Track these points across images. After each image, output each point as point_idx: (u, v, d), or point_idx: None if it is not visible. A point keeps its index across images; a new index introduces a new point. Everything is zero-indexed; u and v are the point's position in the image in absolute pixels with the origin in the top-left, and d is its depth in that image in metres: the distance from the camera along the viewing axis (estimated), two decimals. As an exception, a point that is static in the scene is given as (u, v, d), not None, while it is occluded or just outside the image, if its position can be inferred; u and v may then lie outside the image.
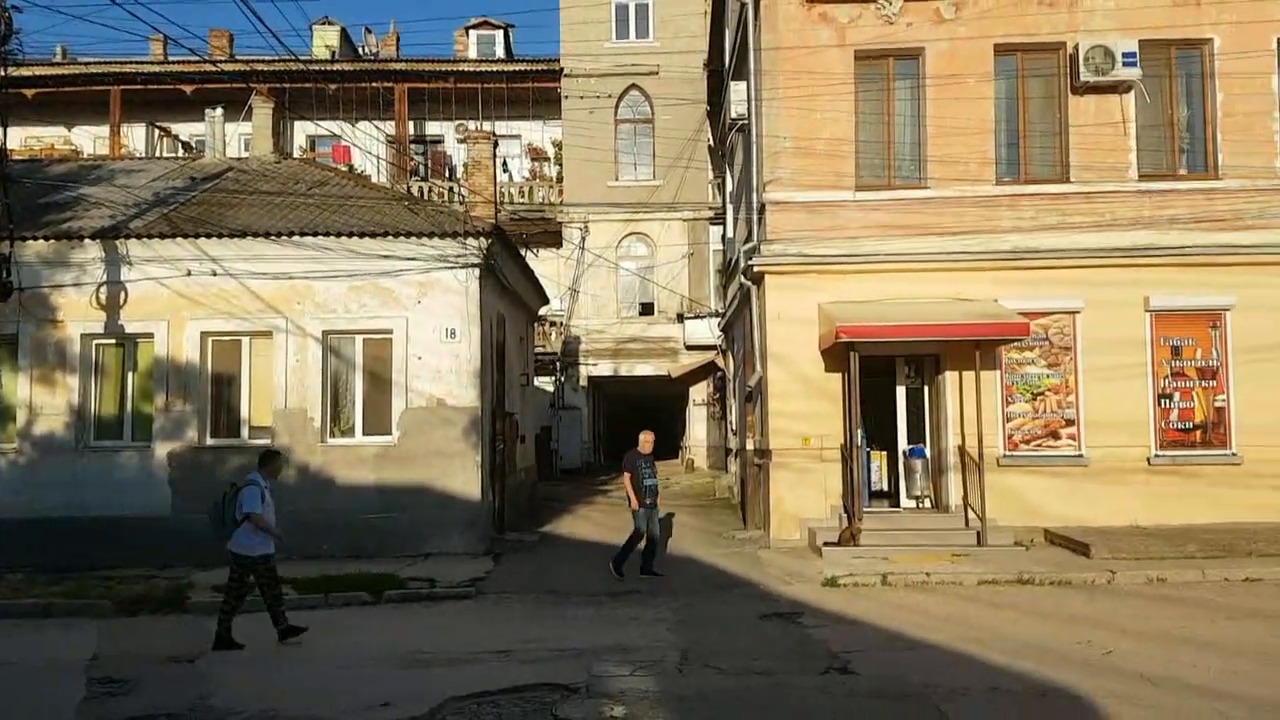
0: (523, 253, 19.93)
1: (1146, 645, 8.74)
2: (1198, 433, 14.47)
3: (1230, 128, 14.41)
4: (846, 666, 8.15)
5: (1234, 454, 14.21)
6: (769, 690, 7.51)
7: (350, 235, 14.40)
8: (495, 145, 19.16)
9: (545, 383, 28.44)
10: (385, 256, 14.41)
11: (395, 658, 8.84)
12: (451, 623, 10.41)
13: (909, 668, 8.10)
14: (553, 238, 28.74)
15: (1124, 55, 13.96)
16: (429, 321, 14.49)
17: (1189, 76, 14.73)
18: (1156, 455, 14.29)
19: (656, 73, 27.92)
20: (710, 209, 27.61)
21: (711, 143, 26.86)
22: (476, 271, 14.56)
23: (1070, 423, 14.55)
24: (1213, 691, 7.22)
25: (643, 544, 12.81)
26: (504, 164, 30.01)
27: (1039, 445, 14.61)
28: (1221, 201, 14.33)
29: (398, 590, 11.79)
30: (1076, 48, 14.29)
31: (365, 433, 14.67)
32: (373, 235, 14.41)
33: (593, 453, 30.13)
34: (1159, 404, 14.46)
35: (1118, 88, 14.38)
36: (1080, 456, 14.39)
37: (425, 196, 24.91)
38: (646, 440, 13.19)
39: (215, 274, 14.53)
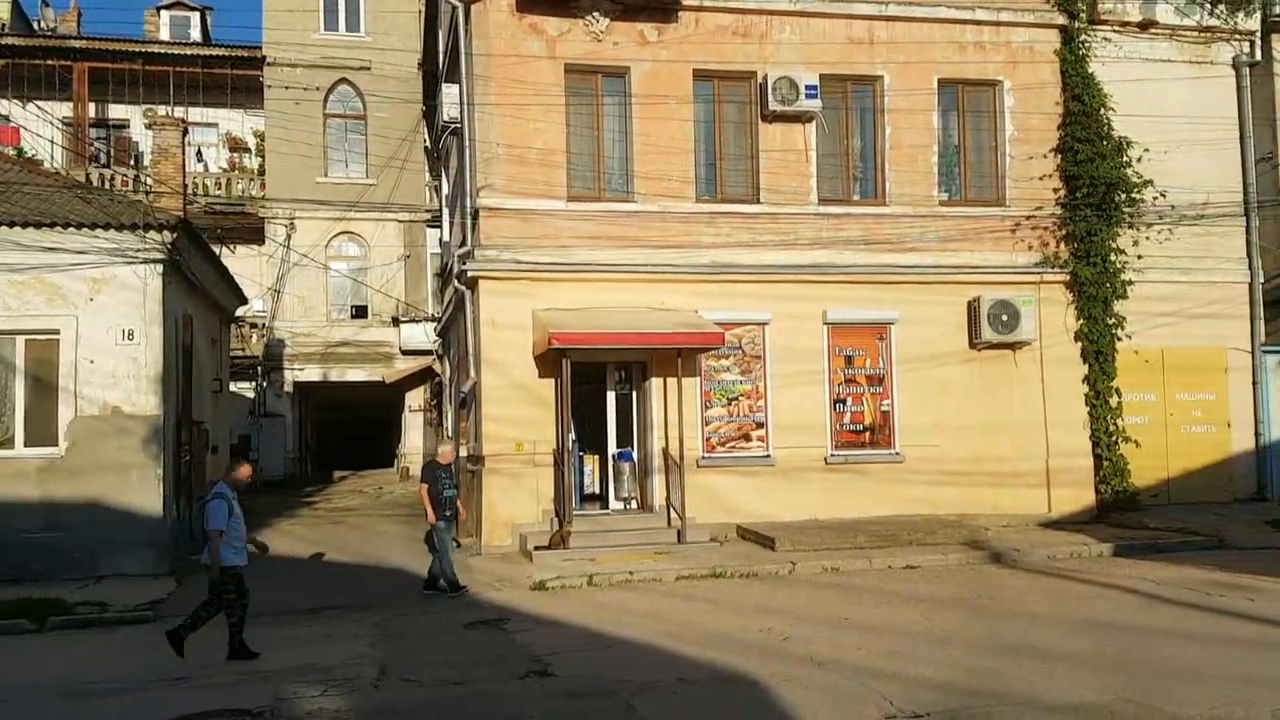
0: (218, 249, 18.70)
1: (819, 630, 9.52)
2: (867, 434, 15.93)
3: (896, 159, 15.99)
4: (546, 669, 8.28)
5: (897, 453, 15.78)
6: (466, 699, 7.49)
7: (10, 225, 12.88)
8: (186, 132, 17.85)
9: (246, 389, 26.78)
10: (52, 249, 13.00)
11: (57, 689, 8.04)
12: (125, 650, 9.58)
13: (606, 665, 8.36)
14: (254, 234, 27.12)
15: (806, 88, 15.14)
16: (103, 321, 13.23)
17: (863, 110, 16.19)
18: (832, 455, 15.59)
19: (369, 68, 27.08)
20: (428, 211, 27.12)
21: (428, 144, 26.44)
22: (159, 267, 13.47)
23: (760, 425, 15.57)
24: (872, 671, 7.96)
25: (451, 553, 12.17)
26: (198, 153, 28.04)
27: (733, 447, 15.51)
28: (888, 226, 15.90)
29: (64, 616, 10.73)
30: (766, 78, 15.32)
31: (27, 444, 13.22)
32: (36, 225, 12.98)
33: (298, 463, 28.68)
34: (834, 408, 15.78)
35: (801, 118, 15.55)
36: (768, 457, 15.43)
37: (106, 185, 22.72)
38: (446, 451, 12.76)
39: None
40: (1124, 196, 16.18)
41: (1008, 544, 13.91)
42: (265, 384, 26.97)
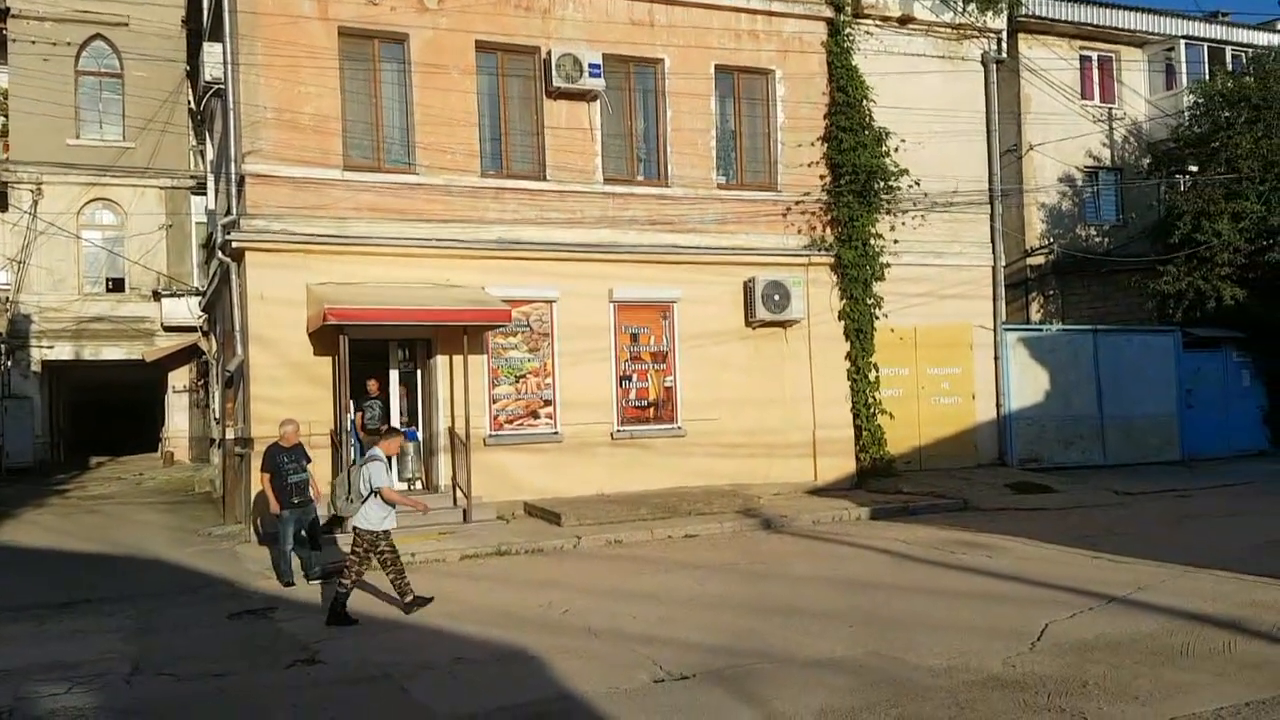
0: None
1: (599, 601, 9.72)
2: (651, 409, 16.29)
3: (678, 141, 16.33)
4: (315, 657, 8.02)
5: (679, 427, 16.23)
6: (225, 692, 7.16)
7: None
8: (-93, 84, 15.90)
9: (-14, 369, 24.39)
10: None
11: None
12: None
13: (380, 650, 8.21)
14: (-5, 200, 24.63)
15: (590, 66, 15.17)
16: None
17: (645, 92, 16.41)
18: (618, 430, 15.86)
19: (127, 24, 24.97)
20: (193, 177, 25.42)
21: (192, 106, 24.75)
22: (-128, 235, 12.00)
23: (548, 403, 15.63)
24: (646, 638, 8.22)
25: (289, 547, 11.15)
26: (-71, 110, 25.11)
27: (521, 424, 15.49)
28: (671, 207, 16.24)
29: None
30: (550, 54, 15.25)
31: None
32: None
33: (49, 449, 26.41)
34: (620, 384, 16.03)
35: (586, 96, 15.55)
36: (556, 434, 15.51)
37: None
38: (289, 433, 11.51)
39: None
40: (882, 184, 17.16)
41: (777, 511, 14.64)
42: (10, 363, 24.62)
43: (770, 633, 8.31)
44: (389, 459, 9.75)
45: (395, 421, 15.24)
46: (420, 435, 15.23)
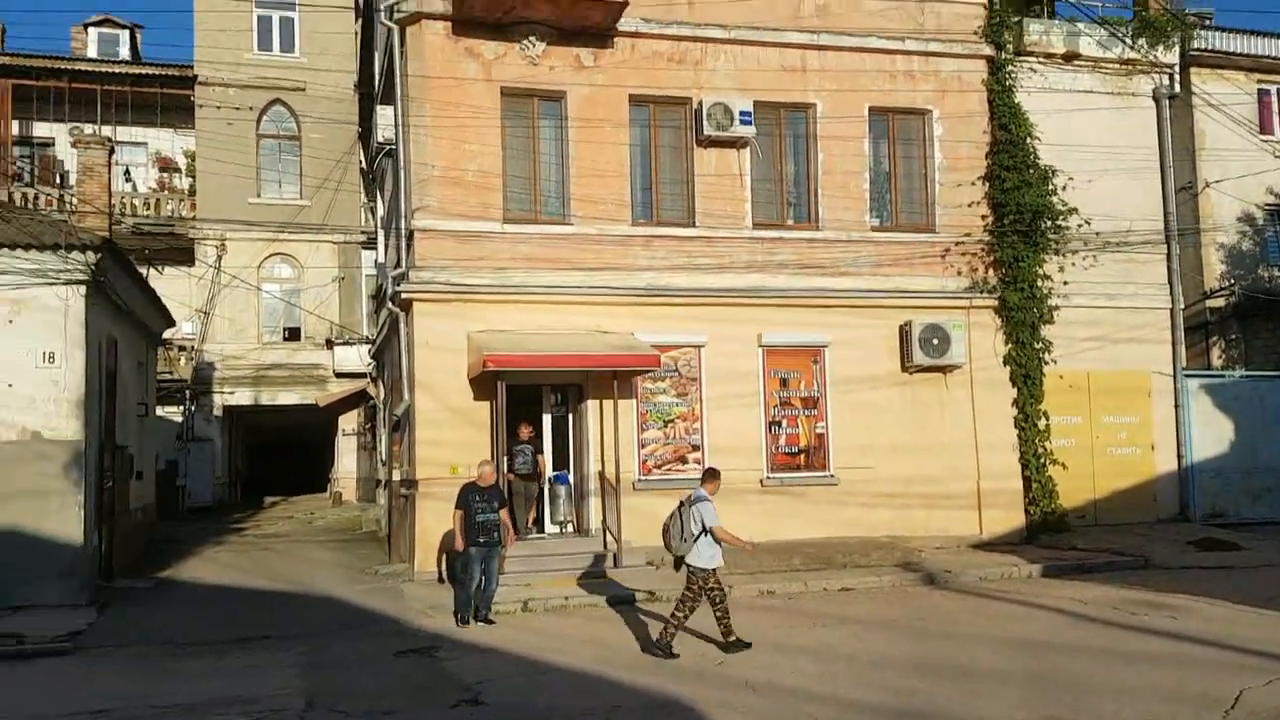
0: (145, 270, 18.24)
1: (754, 654, 9.51)
2: (802, 456, 16.03)
3: (829, 184, 16.20)
4: (478, 698, 8.15)
5: (832, 475, 15.89)
6: (394, 730, 7.34)
7: (-77, 244, 12.41)
8: (111, 151, 17.41)
9: (173, 413, 26.16)
10: (-31, 270, 12.56)
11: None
12: (44, 682, 9.21)
13: (539, 693, 8.27)
14: (184, 255, 26.62)
15: (741, 114, 15.29)
16: (22, 344, 12.76)
17: (796, 136, 16.39)
18: (768, 477, 15.66)
19: (304, 89, 26.82)
20: (364, 233, 26.89)
21: (363, 165, 26.22)
22: (82, 289, 13.08)
23: (696, 448, 15.57)
24: (805, 694, 8.00)
25: (474, 585, 11.58)
26: (126, 173, 27.46)
27: (670, 469, 15.48)
28: (822, 250, 16.09)
29: (-26, 651, 10.23)
30: (701, 104, 15.43)
31: (-61, 471, 12.65)
32: (-48, 245, 12.51)
33: (228, 489, 28.06)
34: (770, 430, 15.87)
35: (736, 143, 15.67)
36: (705, 479, 15.41)
37: (30, 205, 22.08)
38: (487, 473, 12.02)
39: None
40: (1049, 224, 16.54)
41: (940, 565, 14.07)
42: (194, 408, 26.38)
43: (938, 693, 7.94)
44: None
45: (549, 465, 15.50)
46: (571, 479, 15.41)
